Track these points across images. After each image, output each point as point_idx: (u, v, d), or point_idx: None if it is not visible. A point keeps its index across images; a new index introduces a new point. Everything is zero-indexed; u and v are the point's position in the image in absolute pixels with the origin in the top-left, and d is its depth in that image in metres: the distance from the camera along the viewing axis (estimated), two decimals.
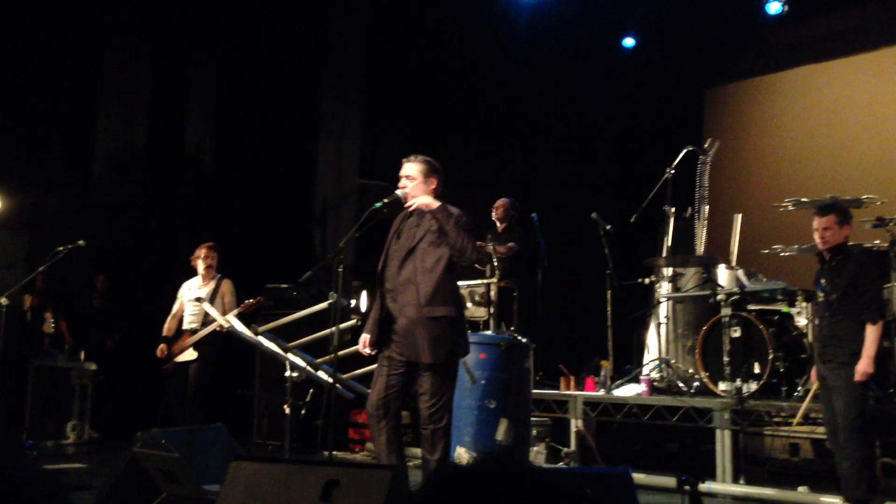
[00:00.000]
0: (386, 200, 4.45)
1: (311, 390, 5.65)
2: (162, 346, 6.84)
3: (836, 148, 9.32)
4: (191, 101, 8.93)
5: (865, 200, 6.77)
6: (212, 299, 6.73)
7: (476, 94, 9.66)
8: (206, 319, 6.72)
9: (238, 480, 3.38)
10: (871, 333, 5.02)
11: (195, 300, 6.79)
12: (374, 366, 4.81)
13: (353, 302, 8.14)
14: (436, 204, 4.36)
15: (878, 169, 8.75)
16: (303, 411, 5.34)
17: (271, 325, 5.42)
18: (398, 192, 4.52)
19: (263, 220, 8.57)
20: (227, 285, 6.91)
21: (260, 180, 8.70)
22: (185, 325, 6.89)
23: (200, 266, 6.91)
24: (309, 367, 5.24)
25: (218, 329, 6.59)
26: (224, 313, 6.48)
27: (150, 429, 4.79)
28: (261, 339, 5.23)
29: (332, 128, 8.85)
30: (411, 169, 4.49)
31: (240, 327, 5.36)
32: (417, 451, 5.21)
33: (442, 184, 4.54)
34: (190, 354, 6.78)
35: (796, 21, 9.16)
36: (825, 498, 5.44)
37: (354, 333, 6.55)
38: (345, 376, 6.03)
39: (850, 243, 5.69)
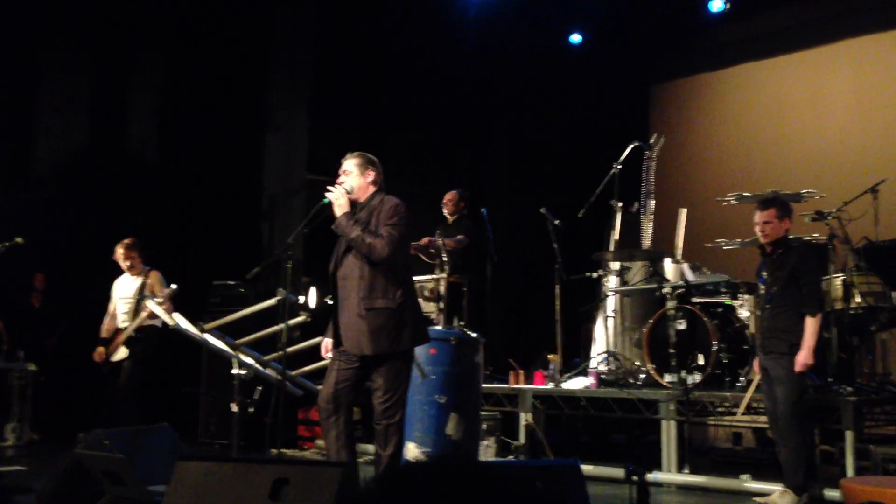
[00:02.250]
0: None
1: (260, 388, 5.59)
2: (99, 349, 6.69)
3: (777, 143, 9.53)
4: (133, 95, 8.75)
5: (805, 195, 6.93)
6: (141, 294, 6.59)
7: (425, 89, 9.64)
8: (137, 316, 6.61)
9: (184, 480, 3.33)
10: (811, 325, 5.15)
11: (134, 299, 6.65)
12: (324, 362, 4.79)
13: (301, 298, 8.07)
14: (340, 212, 4.41)
15: (818, 164, 8.97)
16: (251, 409, 5.28)
17: (218, 322, 5.35)
18: (346, 186, 4.53)
19: (210, 215, 8.45)
20: (154, 277, 6.75)
21: (206, 175, 8.56)
22: (119, 324, 6.76)
23: (122, 265, 6.79)
24: (257, 365, 5.18)
25: (152, 325, 6.48)
26: None
27: (92, 430, 4.69)
28: (207, 336, 5.16)
29: (280, 122, 8.76)
30: (347, 164, 4.59)
31: (184, 325, 5.27)
32: (369, 447, 5.19)
33: (381, 175, 4.58)
34: (122, 353, 6.65)
35: (738, 19, 9.34)
36: (766, 485, 5.57)
37: (303, 330, 6.50)
38: (294, 373, 5.98)
39: (791, 237, 5.83)
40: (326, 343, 4.60)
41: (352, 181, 4.53)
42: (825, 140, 9.17)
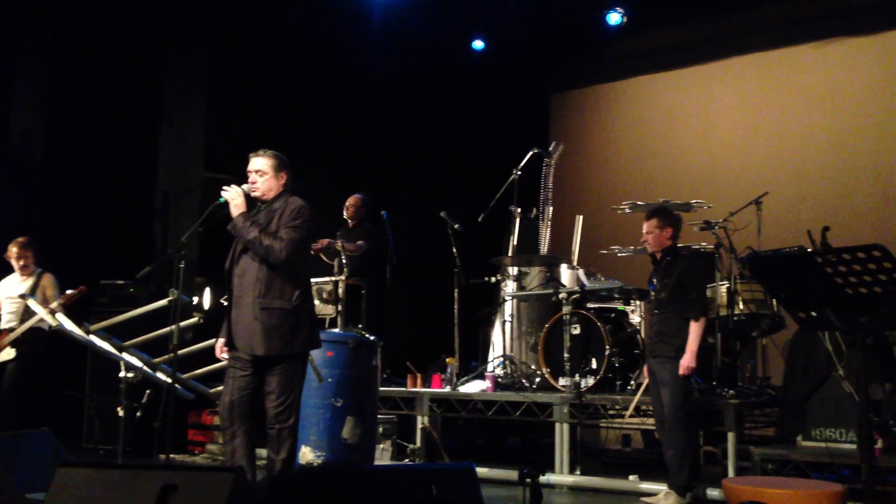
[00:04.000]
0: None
1: (148, 391, 5.42)
2: None
3: (669, 154, 9.87)
4: (18, 87, 8.32)
5: (695, 205, 7.20)
6: (32, 295, 6.34)
7: (328, 90, 9.55)
8: (25, 317, 6.35)
9: (65, 488, 3.20)
10: (695, 330, 5.36)
11: (18, 297, 6.38)
12: (218, 364, 4.68)
13: (195, 299, 7.86)
14: (236, 212, 4.34)
15: (707, 176, 9.33)
16: (138, 413, 5.11)
17: (105, 323, 5.16)
18: (244, 186, 4.46)
19: (99, 213, 8.12)
20: (47, 279, 6.55)
21: (95, 171, 8.22)
22: (3, 324, 6.49)
23: (14, 264, 6.55)
24: (146, 367, 5.02)
25: (39, 327, 6.24)
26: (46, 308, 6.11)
27: None
28: (92, 338, 4.96)
29: (175, 118, 8.49)
30: (261, 164, 4.47)
31: (69, 325, 5.05)
32: (263, 452, 5.10)
33: (291, 178, 4.51)
34: (7, 354, 6.39)
35: (635, 33, 9.62)
36: (652, 485, 5.75)
37: (196, 332, 6.33)
38: (185, 376, 5.81)
39: (680, 245, 6.05)
40: (220, 343, 4.49)
41: (266, 183, 4.44)
42: (714, 153, 9.55)
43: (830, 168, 8.78)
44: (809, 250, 5.19)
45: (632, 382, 6.47)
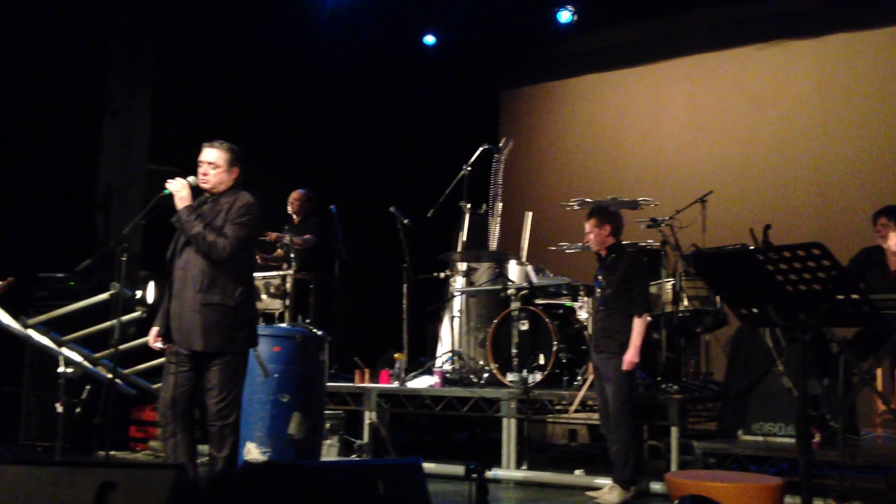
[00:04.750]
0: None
1: (88, 387, 5.29)
2: None
3: (617, 152, 9.98)
4: None
5: (641, 202, 7.28)
6: None
7: (277, 82, 9.42)
8: None
9: (1, 486, 3.10)
10: (638, 325, 5.44)
11: None
12: (161, 359, 4.60)
13: (139, 293, 7.71)
14: (181, 205, 4.27)
15: (654, 174, 9.46)
16: (78, 409, 4.99)
17: (43, 316, 5.04)
18: (190, 178, 4.38)
19: (39, 204, 7.90)
20: None
21: (36, 162, 7.99)
22: None
23: None
24: (86, 362, 4.91)
25: None
26: None
27: None
28: (30, 332, 4.84)
29: (119, 108, 8.29)
30: (215, 156, 4.37)
31: (5, 319, 4.91)
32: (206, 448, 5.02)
33: (243, 173, 4.43)
34: None
35: (585, 31, 9.69)
36: (597, 479, 5.81)
37: (139, 326, 6.21)
38: (127, 371, 5.71)
39: (626, 242, 6.12)
40: (154, 331, 4.39)
41: (217, 176, 4.34)
42: (661, 152, 9.68)
43: (773, 168, 8.97)
44: (751, 248, 5.30)
45: (578, 378, 6.53)
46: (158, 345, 4.36)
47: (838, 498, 4.93)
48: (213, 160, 4.34)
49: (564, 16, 9.22)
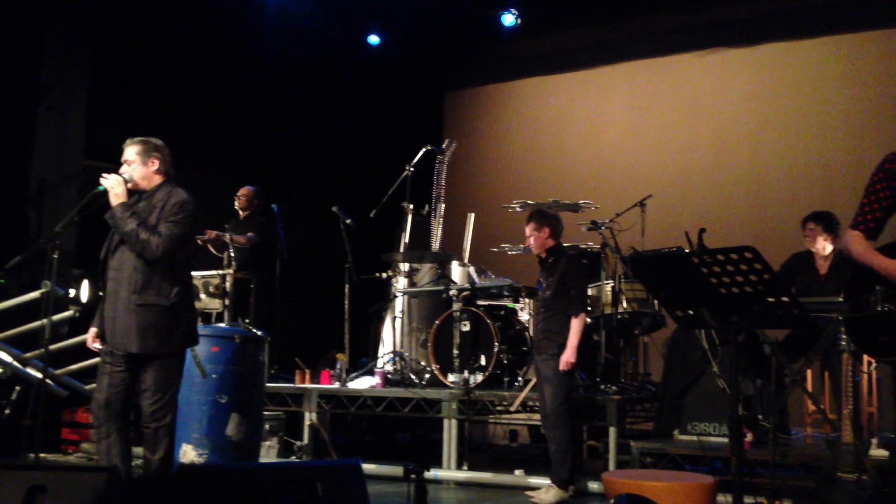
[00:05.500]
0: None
1: (18, 388, 5.14)
2: None
3: (559, 155, 10.08)
4: None
5: (583, 205, 7.38)
6: None
7: (218, 78, 9.28)
8: None
9: None
10: (575, 326, 5.51)
11: None
12: (95, 360, 4.50)
13: (72, 291, 7.52)
14: (115, 201, 4.19)
15: (595, 177, 9.59)
16: (7, 411, 4.85)
17: None
18: (125, 175, 4.29)
19: None
20: None
21: None
22: None
23: None
24: (16, 363, 4.77)
25: None
26: None
27: None
28: None
29: (54, 102, 8.07)
30: (128, 152, 4.33)
31: None
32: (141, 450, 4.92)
33: (168, 163, 4.35)
34: None
35: (529, 35, 9.78)
36: (536, 479, 5.86)
37: (73, 325, 6.06)
38: (59, 372, 5.57)
39: (567, 244, 6.19)
40: (92, 332, 4.30)
41: (134, 171, 4.27)
42: (602, 155, 9.82)
43: (709, 173, 9.16)
44: (687, 251, 5.41)
45: (519, 379, 6.58)
46: (97, 345, 4.27)
47: (769, 496, 5.05)
48: (127, 156, 4.31)
49: (508, 19, 9.29)
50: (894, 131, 7.94)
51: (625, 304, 6.78)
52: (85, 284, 7.77)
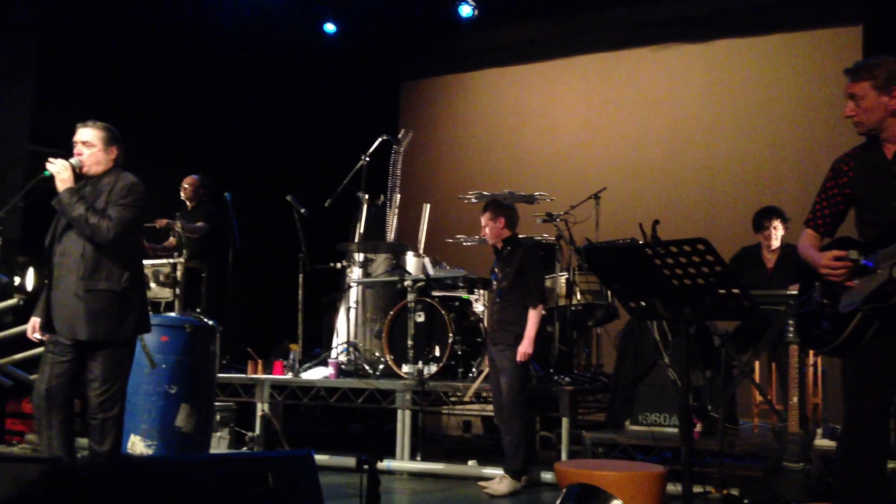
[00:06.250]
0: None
1: None
2: None
3: (515, 147, 10.10)
4: None
5: (538, 197, 7.40)
6: None
7: (169, 65, 9.09)
8: None
9: None
10: (532, 317, 5.53)
11: None
12: (40, 349, 4.39)
13: (17, 279, 7.34)
14: (62, 187, 4.09)
15: (550, 169, 9.62)
16: None
17: None
18: (72, 160, 4.19)
19: None
20: None
21: None
22: None
23: None
24: None
25: None
26: None
27: None
28: None
29: None
30: (90, 135, 4.21)
31: None
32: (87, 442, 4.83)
33: (123, 154, 4.26)
34: None
35: (486, 27, 9.76)
36: (489, 470, 5.88)
37: (17, 314, 5.92)
38: (2, 361, 5.43)
39: (522, 235, 6.21)
40: (34, 322, 4.20)
41: (94, 156, 4.17)
42: (557, 148, 9.85)
43: (663, 166, 9.26)
44: (640, 242, 5.45)
45: (474, 370, 6.59)
46: (38, 336, 4.17)
47: (717, 485, 5.14)
48: (88, 139, 4.19)
49: (465, 10, 9.26)
50: (844, 130, 8.07)
51: (579, 296, 6.83)
52: (30, 272, 7.58)
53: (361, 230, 7.64)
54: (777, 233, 6.18)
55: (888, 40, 7.36)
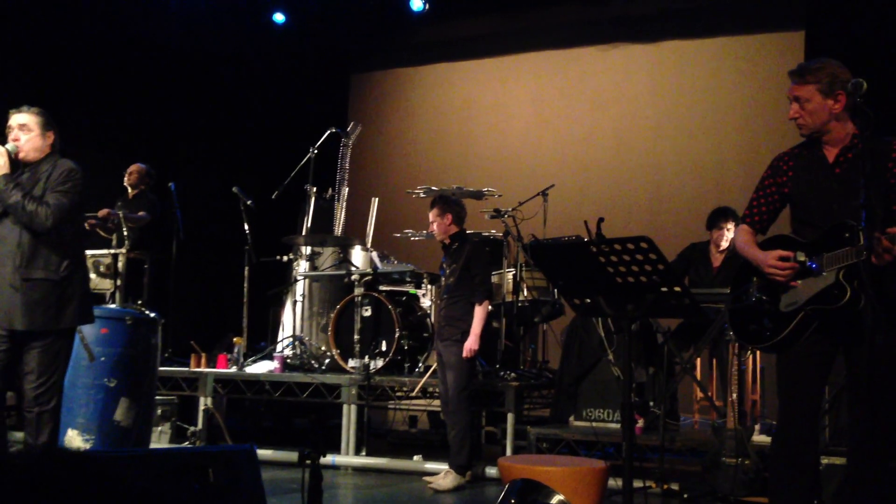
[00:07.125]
0: None
1: None
2: None
3: (464, 142, 10.11)
4: None
5: (486, 193, 7.42)
6: None
7: (113, 52, 8.88)
8: None
9: None
10: (478, 313, 5.55)
11: None
12: None
13: None
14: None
15: (499, 165, 9.66)
16: None
17: None
18: (9, 146, 4.07)
19: None
20: None
21: None
22: None
23: None
24: None
25: None
26: None
27: None
28: None
29: None
30: (27, 119, 4.12)
31: None
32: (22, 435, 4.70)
33: (59, 140, 4.17)
34: None
35: (436, 21, 9.74)
36: (436, 465, 5.89)
37: None
38: None
39: (470, 231, 6.22)
40: None
41: (31, 141, 4.07)
42: (506, 144, 9.89)
43: (610, 165, 9.36)
44: (585, 240, 5.51)
45: (420, 365, 6.59)
46: None
47: (658, 480, 5.23)
48: (26, 122, 4.09)
49: (416, 4, 9.23)
50: (786, 131, 8.25)
51: (525, 292, 6.87)
52: None
53: (309, 223, 7.57)
54: (729, 234, 6.28)
55: (830, 44, 7.53)
